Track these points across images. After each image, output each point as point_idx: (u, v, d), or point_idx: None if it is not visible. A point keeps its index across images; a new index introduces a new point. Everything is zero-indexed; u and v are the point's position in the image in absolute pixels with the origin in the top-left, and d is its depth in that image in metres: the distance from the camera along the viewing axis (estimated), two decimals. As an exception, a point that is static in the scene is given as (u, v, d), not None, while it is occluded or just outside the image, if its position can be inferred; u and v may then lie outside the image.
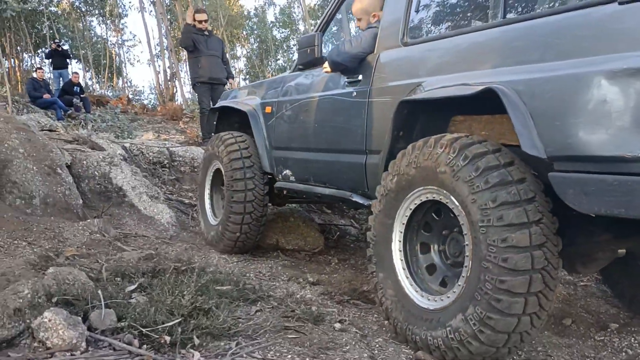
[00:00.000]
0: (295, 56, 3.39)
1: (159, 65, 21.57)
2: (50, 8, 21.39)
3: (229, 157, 3.73)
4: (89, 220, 3.80)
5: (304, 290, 3.21)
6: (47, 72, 15.63)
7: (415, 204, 2.29)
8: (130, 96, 24.86)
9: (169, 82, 19.63)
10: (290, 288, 3.20)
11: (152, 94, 25.64)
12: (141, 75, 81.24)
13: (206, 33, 6.28)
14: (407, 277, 2.34)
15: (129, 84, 29.51)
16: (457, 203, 2.03)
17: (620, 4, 1.68)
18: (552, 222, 1.91)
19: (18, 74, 21.69)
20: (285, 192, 3.68)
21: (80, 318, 1.92)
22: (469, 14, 2.51)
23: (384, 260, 2.41)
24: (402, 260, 2.37)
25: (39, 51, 23.02)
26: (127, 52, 30.19)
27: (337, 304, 2.90)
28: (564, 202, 1.78)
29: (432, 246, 2.37)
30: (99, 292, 2.12)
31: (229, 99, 4.35)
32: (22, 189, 3.73)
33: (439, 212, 2.31)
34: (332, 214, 5.33)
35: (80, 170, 4.47)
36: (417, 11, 2.62)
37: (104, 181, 4.50)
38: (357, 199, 2.86)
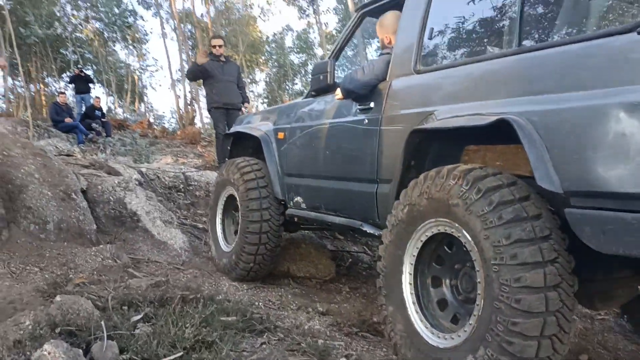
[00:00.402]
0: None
1: (180, 90, 21.96)
2: (75, 34, 22.00)
3: (245, 186, 3.70)
4: (101, 246, 3.82)
5: (313, 320, 3.16)
6: (70, 96, 16.04)
7: (427, 235, 2.22)
8: (152, 120, 25.27)
9: (189, 107, 19.94)
10: (299, 318, 3.15)
11: (174, 118, 26.09)
12: (163, 99, 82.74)
13: (222, 59, 6.37)
14: (417, 312, 2.26)
15: (150, 108, 30.04)
16: (469, 238, 1.96)
17: (639, 33, 1.62)
18: (568, 261, 1.83)
19: (43, 98, 22.23)
20: (296, 219, 3.65)
21: (81, 351, 1.90)
22: (483, 41, 2.47)
23: (394, 292, 2.34)
24: (412, 293, 2.29)
25: (63, 75, 23.62)
26: (149, 77, 30.81)
27: (345, 336, 2.85)
28: (581, 240, 1.72)
29: (444, 280, 2.28)
30: (102, 323, 2.11)
31: (243, 124, 4.34)
32: (36, 214, 3.77)
33: (452, 245, 2.24)
34: (345, 241, 5.28)
35: (95, 195, 4.51)
36: (430, 38, 2.57)
37: (118, 206, 4.53)
38: (367, 228, 2.80)
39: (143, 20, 24.06)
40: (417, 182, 2.21)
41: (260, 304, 3.41)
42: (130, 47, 26.29)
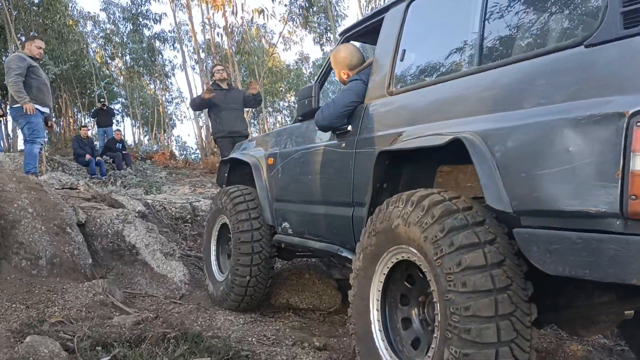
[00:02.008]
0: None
1: (203, 120, 22.23)
2: (102, 70, 22.63)
3: (237, 215, 3.67)
4: (93, 281, 3.70)
5: (307, 356, 2.97)
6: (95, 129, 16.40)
7: (392, 262, 2.14)
8: (177, 151, 25.58)
9: (211, 137, 20.12)
10: (292, 355, 2.96)
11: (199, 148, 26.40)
12: (189, 130, 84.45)
13: (225, 87, 6.32)
14: (384, 342, 2.15)
15: (174, 139, 30.54)
16: (427, 265, 1.89)
17: (586, 47, 1.60)
18: (523, 287, 1.72)
19: (72, 132, 22.84)
20: (283, 245, 3.62)
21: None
22: (450, 61, 2.42)
23: (362, 321, 2.23)
24: (379, 321, 2.20)
25: (92, 110, 24.33)
26: (174, 109, 31.44)
27: (336, 375, 2.64)
28: (529, 260, 1.65)
29: (411, 309, 2.19)
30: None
31: (240, 150, 4.34)
32: (28, 250, 3.70)
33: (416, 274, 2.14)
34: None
35: (93, 229, 4.43)
36: (402, 59, 2.56)
37: (116, 239, 4.45)
38: (345, 253, 2.75)
39: (162, 55, 24.29)
40: (381, 209, 2.15)
41: (253, 339, 3.24)
42: (156, 80, 26.89)
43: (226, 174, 4.34)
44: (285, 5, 17.99)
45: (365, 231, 2.24)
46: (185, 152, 27.22)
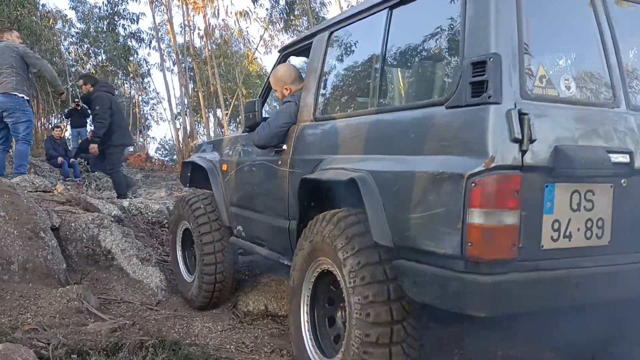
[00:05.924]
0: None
1: (180, 123, 22.00)
2: (75, 68, 22.20)
3: (197, 221, 3.85)
4: (67, 287, 3.62)
5: (285, 364, 2.97)
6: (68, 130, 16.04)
7: (318, 271, 2.35)
8: (152, 153, 25.28)
9: (189, 139, 19.96)
10: (270, 363, 2.95)
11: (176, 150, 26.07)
12: (165, 132, 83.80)
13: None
14: (313, 346, 2.41)
15: (150, 140, 30.17)
16: (337, 270, 2.13)
17: (446, 108, 1.80)
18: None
19: (44, 132, 22.34)
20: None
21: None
22: (361, 97, 2.59)
23: (296, 326, 2.48)
24: (309, 330, 2.44)
25: (65, 110, 23.80)
26: (151, 110, 31.01)
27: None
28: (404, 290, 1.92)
29: (336, 313, 2.40)
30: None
31: (199, 152, 4.48)
32: (0, 254, 3.60)
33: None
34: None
35: (67, 233, 4.34)
36: (324, 88, 2.76)
37: (92, 244, 4.36)
38: (286, 261, 2.91)
39: (137, 54, 23.86)
40: (310, 225, 2.37)
41: (231, 347, 3.22)
42: (132, 80, 26.53)
43: (189, 174, 4.40)
44: (267, 9, 18.02)
45: (297, 244, 2.46)
46: (162, 154, 26.90)
